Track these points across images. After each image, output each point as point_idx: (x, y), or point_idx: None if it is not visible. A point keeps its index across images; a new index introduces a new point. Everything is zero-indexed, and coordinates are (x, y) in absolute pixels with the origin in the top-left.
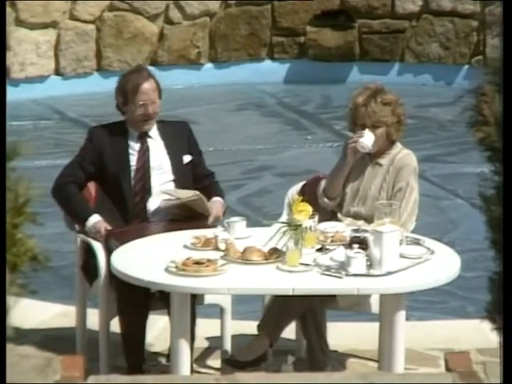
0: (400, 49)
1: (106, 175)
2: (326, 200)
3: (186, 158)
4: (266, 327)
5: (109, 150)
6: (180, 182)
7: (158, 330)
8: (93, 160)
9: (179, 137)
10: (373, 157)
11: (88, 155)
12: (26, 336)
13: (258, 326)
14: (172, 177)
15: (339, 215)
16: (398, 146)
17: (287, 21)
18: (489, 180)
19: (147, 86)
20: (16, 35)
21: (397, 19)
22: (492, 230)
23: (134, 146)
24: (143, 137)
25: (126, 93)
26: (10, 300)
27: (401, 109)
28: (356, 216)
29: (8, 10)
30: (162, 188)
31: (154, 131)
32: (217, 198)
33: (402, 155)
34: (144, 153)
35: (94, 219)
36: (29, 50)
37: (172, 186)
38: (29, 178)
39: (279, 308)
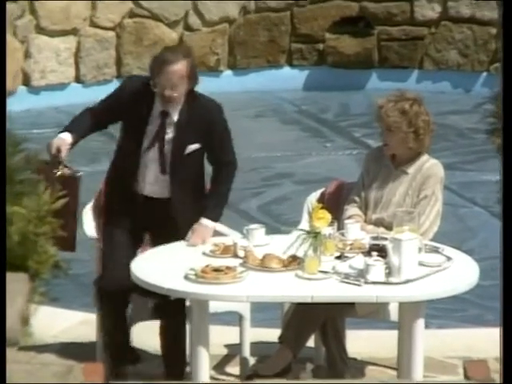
0: (419, 56)
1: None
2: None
3: (191, 147)
4: (288, 340)
5: (133, 108)
6: (175, 173)
7: None
8: (113, 107)
9: (196, 121)
10: (398, 165)
11: (112, 100)
12: (48, 344)
13: (280, 339)
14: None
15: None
16: (425, 155)
17: (306, 28)
18: None
19: (172, 68)
20: (36, 42)
21: (416, 26)
22: None
23: (156, 119)
24: (164, 114)
25: (153, 69)
26: (32, 308)
27: (422, 123)
28: (377, 223)
29: (29, 17)
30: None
31: (176, 112)
32: (203, 222)
33: (431, 164)
34: (158, 132)
35: (62, 135)
36: (49, 57)
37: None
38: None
39: (300, 320)
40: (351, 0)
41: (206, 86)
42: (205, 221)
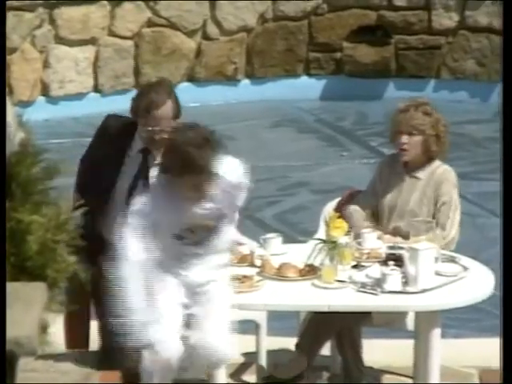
0: (436, 65)
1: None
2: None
3: None
4: (304, 346)
5: (108, 148)
6: None
7: None
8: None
9: None
10: (410, 170)
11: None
12: (66, 352)
13: (296, 345)
14: None
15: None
16: (437, 161)
17: (324, 36)
18: None
19: (160, 112)
20: (55, 52)
21: (433, 35)
22: None
23: (135, 158)
24: (145, 152)
25: (138, 112)
26: (50, 317)
27: (442, 127)
28: (395, 232)
29: (47, 27)
30: None
31: (160, 152)
32: None
33: (443, 170)
34: (141, 171)
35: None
36: (68, 67)
37: None
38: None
39: (316, 327)
40: (369, 9)
41: (223, 95)
42: None
